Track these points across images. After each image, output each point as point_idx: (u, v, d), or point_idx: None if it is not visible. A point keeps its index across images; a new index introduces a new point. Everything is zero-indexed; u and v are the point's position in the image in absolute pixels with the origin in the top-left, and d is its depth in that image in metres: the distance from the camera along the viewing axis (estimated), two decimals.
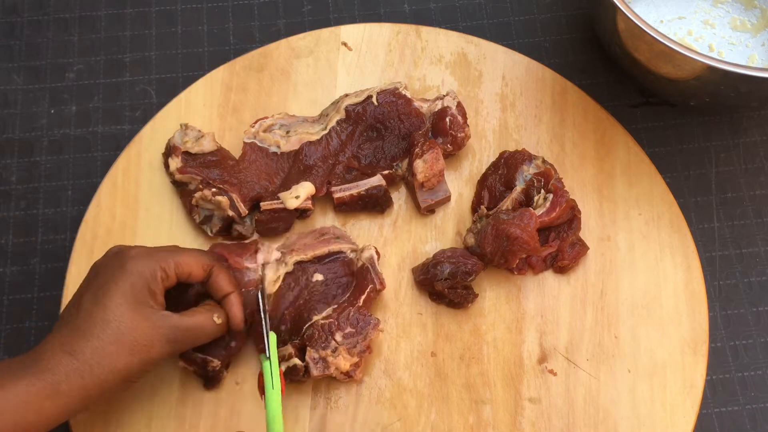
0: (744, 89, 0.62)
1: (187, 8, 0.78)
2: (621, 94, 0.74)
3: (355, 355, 0.59)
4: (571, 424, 0.61)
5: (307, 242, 0.64)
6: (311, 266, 0.63)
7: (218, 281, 0.58)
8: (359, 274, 0.62)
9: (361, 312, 0.60)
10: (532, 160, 0.65)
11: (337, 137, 0.67)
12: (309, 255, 0.63)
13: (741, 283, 0.68)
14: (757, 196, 0.70)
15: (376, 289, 0.62)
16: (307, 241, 0.64)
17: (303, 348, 0.59)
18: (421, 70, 0.72)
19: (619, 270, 0.65)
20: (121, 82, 0.75)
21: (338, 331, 0.59)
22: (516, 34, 0.76)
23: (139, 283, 0.53)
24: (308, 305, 0.61)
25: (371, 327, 0.60)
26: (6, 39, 0.76)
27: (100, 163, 0.71)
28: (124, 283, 0.53)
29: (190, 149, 0.66)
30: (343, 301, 0.61)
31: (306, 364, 0.58)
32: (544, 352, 0.63)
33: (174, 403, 0.61)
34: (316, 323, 0.59)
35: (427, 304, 0.64)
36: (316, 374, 0.58)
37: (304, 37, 0.73)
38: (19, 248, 0.69)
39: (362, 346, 0.59)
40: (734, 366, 0.65)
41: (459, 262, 0.62)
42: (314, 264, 0.63)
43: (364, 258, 0.62)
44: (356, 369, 0.60)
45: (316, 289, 0.62)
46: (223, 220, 0.64)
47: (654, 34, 0.58)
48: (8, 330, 0.66)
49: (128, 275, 0.53)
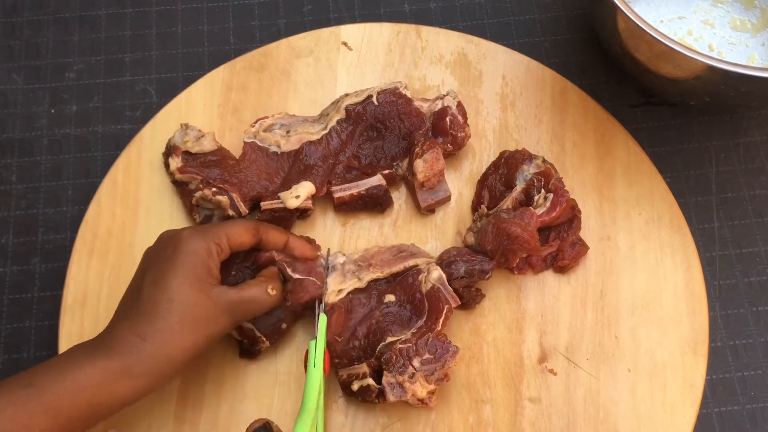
0: (744, 89, 0.62)
1: (187, 8, 0.78)
2: (621, 94, 0.74)
3: (432, 383, 0.58)
4: (571, 424, 0.61)
5: (385, 258, 0.64)
6: (385, 285, 0.62)
7: (270, 237, 0.60)
8: (430, 296, 0.60)
9: (440, 339, 0.58)
10: (532, 159, 0.65)
11: (338, 137, 0.67)
12: (385, 272, 0.62)
13: (741, 283, 0.68)
14: (757, 196, 0.70)
15: (452, 308, 0.60)
16: (386, 257, 0.64)
17: (378, 370, 0.59)
18: (421, 70, 0.72)
19: (619, 270, 0.65)
20: (122, 82, 0.75)
21: (416, 356, 0.58)
22: (516, 34, 0.76)
23: (196, 261, 0.54)
24: (382, 326, 0.60)
25: (450, 355, 0.58)
26: (6, 39, 0.76)
27: (100, 163, 0.71)
28: (182, 263, 0.54)
29: (191, 149, 0.65)
30: (421, 326, 0.60)
31: (382, 388, 0.57)
32: (544, 352, 0.63)
33: (174, 402, 0.61)
34: (395, 347, 0.58)
35: None
36: (392, 399, 0.57)
37: (305, 37, 0.73)
38: (19, 248, 0.69)
39: (440, 374, 0.58)
40: (734, 366, 0.65)
41: (474, 260, 0.61)
42: (388, 283, 0.62)
43: (433, 279, 0.61)
44: (431, 397, 0.59)
45: (390, 309, 0.61)
46: (223, 219, 0.64)
47: (654, 33, 0.58)
48: (8, 330, 0.66)
49: (185, 255, 0.54)
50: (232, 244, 0.57)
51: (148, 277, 0.54)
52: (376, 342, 0.60)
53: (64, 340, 0.63)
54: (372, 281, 0.62)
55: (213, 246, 0.56)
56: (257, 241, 0.60)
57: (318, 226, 0.67)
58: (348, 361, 0.60)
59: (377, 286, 0.62)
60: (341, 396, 0.61)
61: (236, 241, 0.58)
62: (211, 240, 0.56)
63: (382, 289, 0.62)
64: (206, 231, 0.57)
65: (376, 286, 0.62)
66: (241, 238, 0.58)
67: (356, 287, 0.62)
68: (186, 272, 0.54)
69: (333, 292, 0.61)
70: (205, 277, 0.55)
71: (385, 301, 0.62)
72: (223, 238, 0.56)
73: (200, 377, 0.62)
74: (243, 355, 0.62)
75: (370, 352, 0.60)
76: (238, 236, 0.58)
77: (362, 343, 0.61)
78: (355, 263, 0.63)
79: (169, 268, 0.54)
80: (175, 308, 0.52)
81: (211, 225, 0.59)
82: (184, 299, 0.53)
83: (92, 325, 0.63)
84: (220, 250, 0.56)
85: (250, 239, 0.59)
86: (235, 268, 0.62)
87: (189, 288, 0.53)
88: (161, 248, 0.56)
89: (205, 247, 0.55)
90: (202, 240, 0.55)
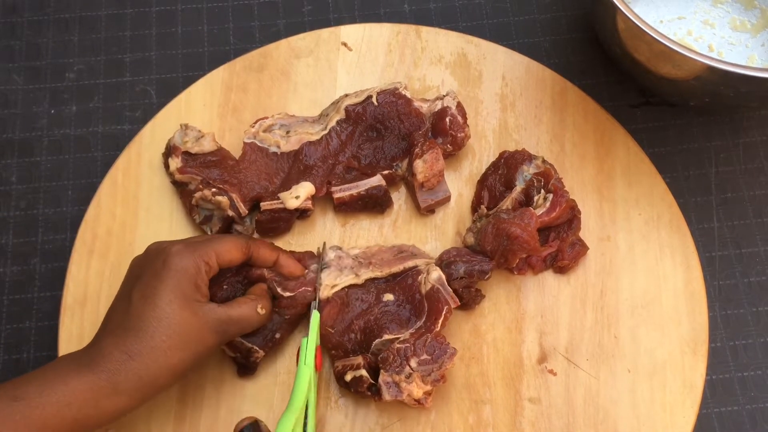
0: (744, 89, 0.62)
1: (187, 8, 0.78)
2: (621, 94, 0.74)
3: (428, 384, 0.57)
4: (570, 424, 0.61)
5: (386, 258, 0.63)
6: (383, 284, 0.62)
7: (261, 254, 0.60)
8: (430, 296, 0.60)
9: (439, 340, 0.58)
10: (532, 160, 0.65)
11: (337, 137, 0.67)
12: (385, 272, 0.62)
13: (741, 283, 0.68)
14: (757, 196, 0.70)
15: (451, 309, 0.60)
16: (386, 257, 0.64)
17: (375, 367, 0.59)
18: (421, 70, 0.72)
19: (619, 270, 0.65)
20: (121, 82, 0.75)
21: (414, 357, 0.57)
22: (516, 34, 0.76)
23: (185, 279, 0.54)
24: (380, 322, 0.60)
25: (447, 356, 0.58)
26: (6, 39, 0.76)
27: (100, 163, 0.72)
28: (171, 281, 0.53)
29: (190, 149, 0.66)
30: (420, 326, 0.60)
31: (378, 387, 0.57)
32: (544, 352, 0.63)
33: (174, 403, 0.61)
34: (392, 347, 0.58)
35: None
36: (388, 398, 0.57)
37: (304, 37, 0.73)
38: (19, 248, 0.69)
39: (436, 375, 0.58)
40: (734, 366, 0.65)
41: (473, 260, 0.61)
42: (387, 282, 0.62)
43: (433, 280, 0.61)
44: (428, 397, 0.59)
45: (388, 308, 0.61)
46: (223, 220, 0.64)
47: (654, 34, 0.58)
48: (8, 330, 0.66)
49: (174, 272, 0.54)
50: (221, 261, 0.57)
51: (136, 292, 0.54)
52: (373, 337, 0.60)
53: (64, 341, 0.63)
54: (370, 279, 0.62)
55: (202, 264, 0.55)
56: (247, 257, 0.59)
57: (318, 227, 0.67)
58: (343, 353, 0.60)
59: (376, 285, 0.62)
60: (341, 396, 0.61)
61: (225, 259, 0.57)
62: (200, 257, 0.55)
63: (381, 288, 0.62)
64: (195, 248, 0.56)
65: (375, 284, 0.62)
66: (230, 255, 0.57)
67: (353, 283, 0.62)
68: (174, 290, 0.53)
69: (327, 287, 0.61)
70: (194, 295, 0.54)
71: (384, 299, 0.62)
72: (212, 256, 0.56)
73: (200, 377, 0.62)
74: (241, 372, 0.61)
75: (366, 347, 0.60)
76: (228, 253, 0.57)
77: (358, 337, 0.61)
78: (355, 259, 0.63)
79: (157, 285, 0.53)
80: (163, 327, 0.52)
81: (200, 240, 0.58)
82: (172, 318, 0.52)
83: (92, 325, 0.63)
84: (208, 267, 0.56)
85: (239, 256, 0.58)
86: (226, 283, 0.61)
87: (177, 307, 0.53)
88: (149, 261, 0.55)
89: (194, 264, 0.55)
90: (191, 257, 0.55)
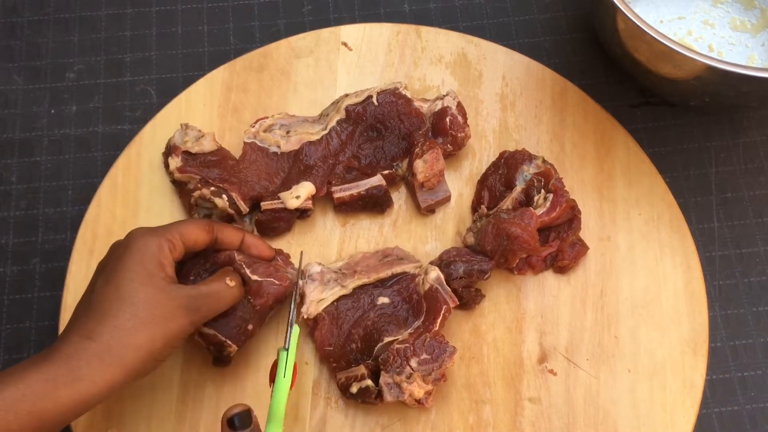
0: (744, 89, 0.62)
1: (187, 8, 0.78)
2: (621, 94, 0.74)
3: (429, 383, 0.58)
4: (571, 424, 0.61)
5: (371, 264, 0.63)
6: (375, 289, 0.62)
7: (225, 235, 0.59)
8: (428, 296, 0.60)
9: (438, 339, 0.58)
10: (532, 160, 0.65)
11: (337, 137, 0.67)
12: (372, 278, 0.62)
13: (741, 283, 0.68)
14: (757, 196, 0.70)
15: (450, 308, 0.60)
16: (371, 263, 0.63)
17: (376, 371, 0.58)
18: (421, 70, 0.72)
19: (619, 270, 0.65)
20: (121, 82, 0.75)
21: (414, 357, 0.57)
22: (516, 34, 0.76)
23: (147, 256, 0.53)
24: (378, 326, 0.60)
25: (447, 355, 0.58)
26: (6, 39, 0.76)
27: (100, 163, 0.72)
28: (133, 259, 0.53)
29: (191, 149, 0.66)
30: (419, 326, 0.60)
31: (380, 389, 0.57)
32: (544, 352, 0.63)
33: (174, 402, 0.61)
34: (392, 348, 0.58)
35: None
36: (389, 399, 0.57)
37: (304, 37, 0.73)
38: (19, 248, 0.69)
39: (437, 374, 0.58)
40: (734, 366, 0.65)
41: (473, 260, 0.61)
42: (378, 288, 0.62)
43: (431, 279, 0.60)
44: (428, 397, 0.59)
45: (384, 311, 0.61)
46: (222, 219, 0.64)
47: (654, 34, 0.58)
48: (8, 330, 0.66)
49: (135, 251, 0.53)
50: (185, 240, 0.56)
51: (101, 278, 0.53)
52: (374, 343, 0.60)
53: None
54: (358, 287, 0.62)
55: (164, 242, 0.54)
56: (212, 239, 0.59)
57: (318, 227, 0.67)
58: (346, 364, 0.60)
59: (365, 291, 0.62)
60: (341, 396, 0.61)
61: (190, 238, 0.56)
62: (162, 236, 0.54)
63: (372, 292, 0.62)
64: (158, 229, 0.56)
65: (365, 290, 0.62)
66: (194, 234, 0.57)
67: (341, 295, 0.61)
68: (137, 268, 0.52)
69: (313, 302, 0.61)
70: (157, 272, 0.53)
71: (378, 303, 0.61)
72: (175, 235, 0.55)
73: (200, 377, 0.62)
74: (216, 363, 0.61)
75: (368, 354, 0.60)
76: (192, 233, 0.57)
77: (359, 345, 0.61)
78: (338, 272, 0.63)
79: (119, 267, 0.52)
80: (127, 305, 0.51)
81: (165, 224, 0.57)
82: (135, 296, 0.51)
83: None
84: (172, 246, 0.55)
85: (204, 237, 0.58)
86: (193, 273, 0.60)
87: (140, 284, 0.52)
88: (113, 250, 0.55)
89: (156, 242, 0.54)
90: (153, 236, 0.54)
